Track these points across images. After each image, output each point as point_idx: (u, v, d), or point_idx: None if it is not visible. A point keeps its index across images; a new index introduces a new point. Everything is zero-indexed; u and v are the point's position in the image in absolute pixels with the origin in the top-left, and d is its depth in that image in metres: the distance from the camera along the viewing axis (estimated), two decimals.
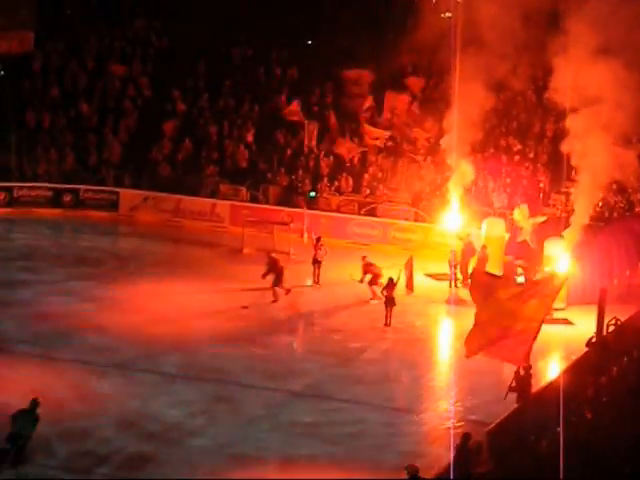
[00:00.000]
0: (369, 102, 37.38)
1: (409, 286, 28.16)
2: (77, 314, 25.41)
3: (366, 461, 18.56)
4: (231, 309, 26.54)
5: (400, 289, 27.09)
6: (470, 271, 27.72)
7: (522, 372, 19.20)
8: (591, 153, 27.03)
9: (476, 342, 18.40)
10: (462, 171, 31.52)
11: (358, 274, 27.53)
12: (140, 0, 41.84)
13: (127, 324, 24.88)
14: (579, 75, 26.66)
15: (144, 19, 41.43)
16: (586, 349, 21.51)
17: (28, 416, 17.93)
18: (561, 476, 13.85)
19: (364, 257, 27.98)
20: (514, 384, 19.08)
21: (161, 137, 37.77)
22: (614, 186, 31.11)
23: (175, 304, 26.58)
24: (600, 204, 30.92)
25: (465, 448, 16.71)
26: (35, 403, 18.06)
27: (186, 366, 22.57)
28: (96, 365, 22.30)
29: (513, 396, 19.08)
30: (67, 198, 36.12)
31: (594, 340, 21.80)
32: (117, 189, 36.37)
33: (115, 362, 22.56)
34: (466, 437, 16.90)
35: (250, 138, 37.60)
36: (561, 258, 27.06)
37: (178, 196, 35.72)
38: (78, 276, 28.65)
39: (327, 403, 20.95)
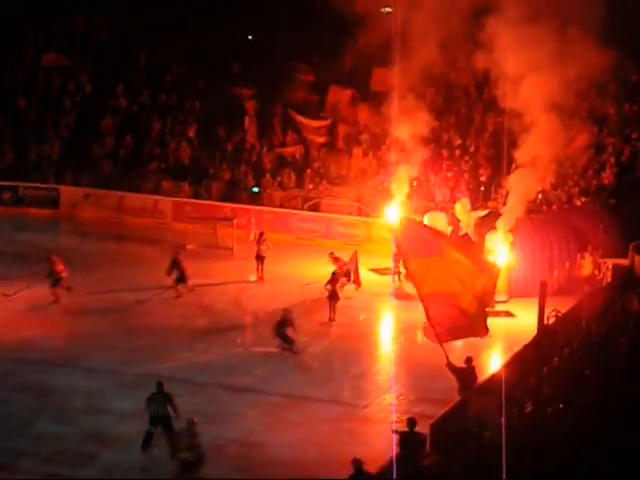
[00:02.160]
0: (310, 97, 37.45)
1: (356, 281, 28.20)
2: (14, 310, 25.29)
3: (311, 456, 18.62)
4: (173, 305, 26.47)
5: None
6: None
7: (464, 364, 19.40)
8: (529, 143, 27.42)
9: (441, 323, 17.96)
10: (404, 166, 31.70)
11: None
12: None
13: (65, 322, 24.79)
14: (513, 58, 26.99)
15: (84, 13, 41.02)
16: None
17: (157, 397, 18.49)
18: (503, 476, 13.98)
19: (331, 253, 27.95)
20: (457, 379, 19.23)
21: (102, 133, 37.44)
22: (553, 179, 31.54)
23: (118, 300, 26.45)
24: (539, 197, 31.30)
25: (412, 433, 16.87)
26: (160, 384, 18.54)
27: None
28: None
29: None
30: (6, 196, 35.71)
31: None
32: (58, 186, 36.01)
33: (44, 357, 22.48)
34: (412, 422, 17.06)
35: (192, 134, 37.46)
36: (501, 251, 27.38)
37: (120, 193, 35.47)
38: (16, 274, 28.30)
39: (272, 398, 20.96)
